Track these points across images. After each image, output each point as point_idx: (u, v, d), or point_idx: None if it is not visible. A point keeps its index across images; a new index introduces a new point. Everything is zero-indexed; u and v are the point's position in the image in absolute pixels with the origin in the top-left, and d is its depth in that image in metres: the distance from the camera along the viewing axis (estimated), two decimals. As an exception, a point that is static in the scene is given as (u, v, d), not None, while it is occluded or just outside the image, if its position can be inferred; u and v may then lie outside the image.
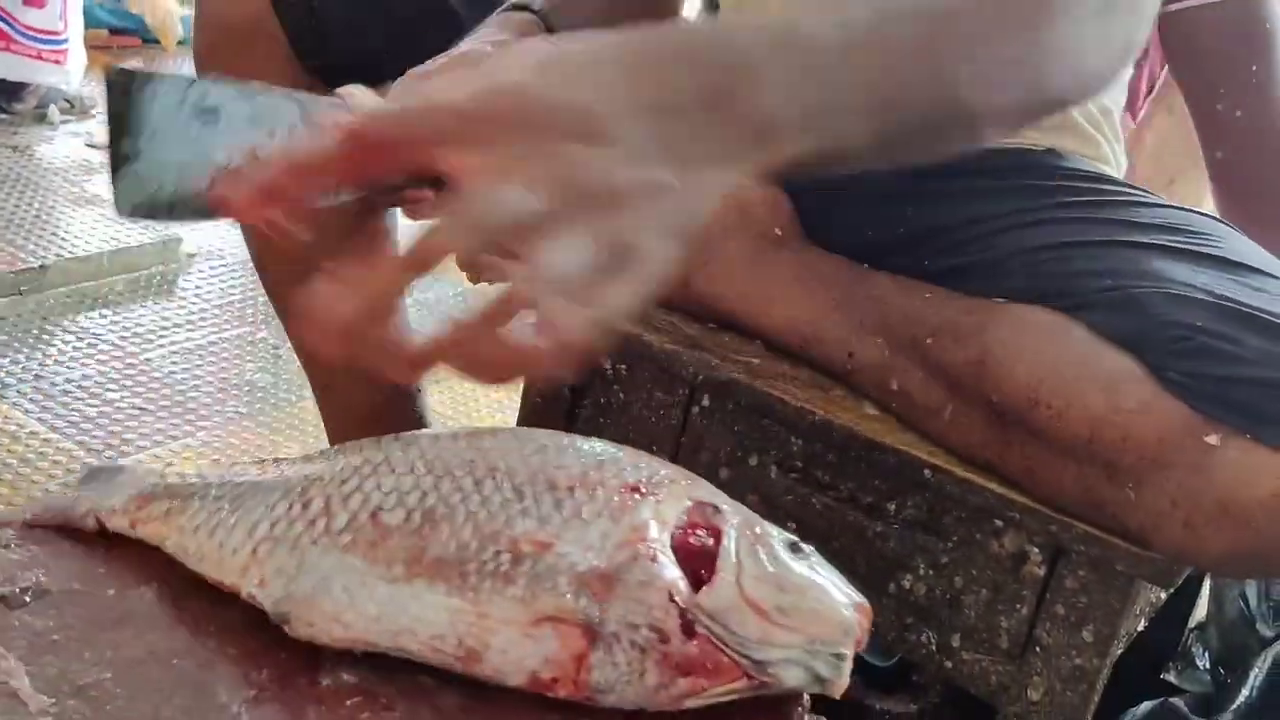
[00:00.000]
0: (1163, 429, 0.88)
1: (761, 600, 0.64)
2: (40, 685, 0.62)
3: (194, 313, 2.42)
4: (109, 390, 2.09)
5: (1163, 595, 1.15)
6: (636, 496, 0.68)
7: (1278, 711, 1.13)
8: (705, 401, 1.12)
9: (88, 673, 0.63)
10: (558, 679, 0.63)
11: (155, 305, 2.40)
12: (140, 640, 0.66)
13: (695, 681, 0.64)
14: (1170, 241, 0.97)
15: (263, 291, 2.46)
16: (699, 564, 0.66)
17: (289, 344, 2.28)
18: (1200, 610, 1.33)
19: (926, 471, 1.01)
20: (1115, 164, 1.18)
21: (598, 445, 0.73)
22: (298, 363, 2.25)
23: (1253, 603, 1.22)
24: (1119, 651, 1.04)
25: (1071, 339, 0.93)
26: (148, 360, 2.21)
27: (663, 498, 0.69)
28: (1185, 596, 1.29)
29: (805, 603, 0.64)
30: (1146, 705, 1.18)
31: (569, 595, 0.64)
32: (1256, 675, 1.15)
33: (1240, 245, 1.01)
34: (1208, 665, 1.24)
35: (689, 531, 0.68)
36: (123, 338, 2.26)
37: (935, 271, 1.05)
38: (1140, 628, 1.11)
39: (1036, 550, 1.01)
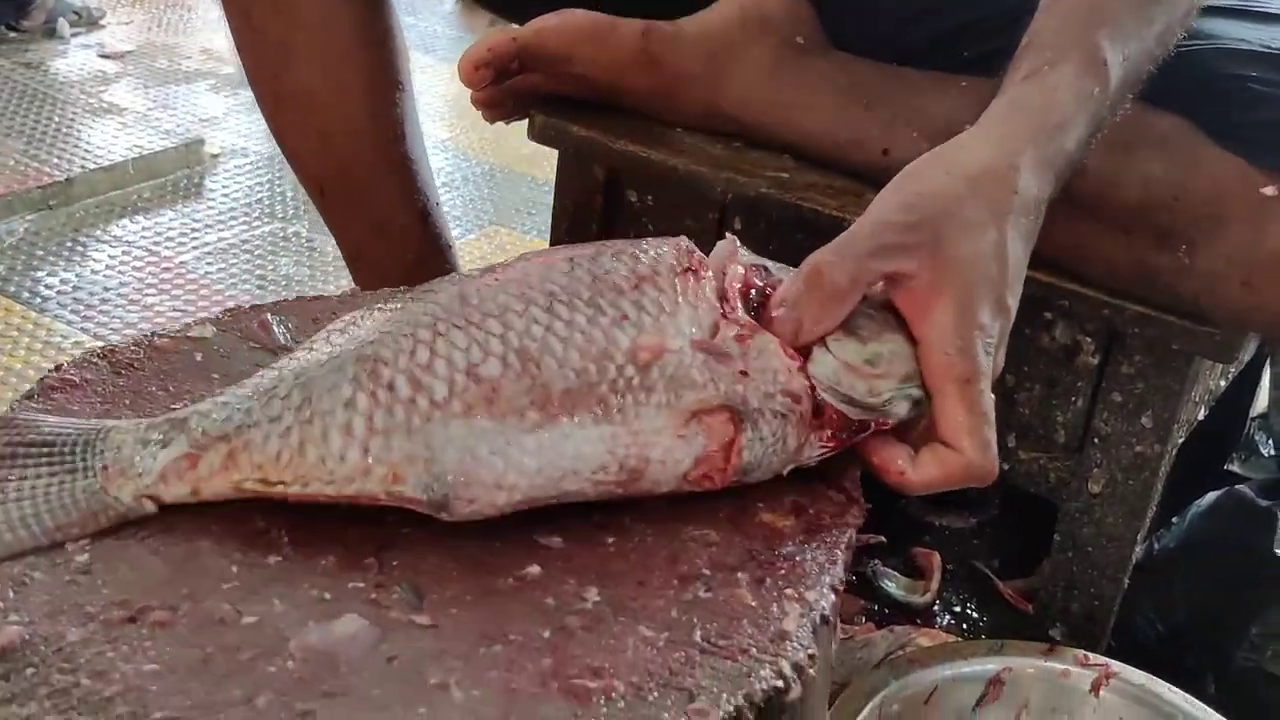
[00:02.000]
0: (1217, 184, 0.85)
1: (851, 359, 0.66)
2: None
3: (223, 212, 2.40)
4: (148, 295, 2.09)
5: (1222, 383, 1.12)
6: (693, 278, 0.67)
7: (1350, 487, 1.11)
8: (737, 224, 1.09)
9: (126, 527, 0.62)
10: (708, 473, 0.65)
11: (184, 208, 2.39)
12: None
13: (824, 433, 0.67)
14: (1213, 2, 0.93)
15: (291, 185, 2.45)
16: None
17: (323, 236, 2.27)
18: (1261, 401, 1.30)
19: (970, 269, 0.97)
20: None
21: (607, 244, 0.71)
22: (334, 253, 2.24)
23: (1317, 383, 1.19)
24: (1180, 439, 1.02)
25: None
26: (183, 263, 2.20)
27: (713, 272, 0.69)
28: (1246, 386, 1.26)
29: (884, 348, 0.67)
30: (1212, 495, 1.16)
31: (708, 385, 0.64)
32: (1327, 452, 1.13)
33: None
34: (1272, 451, 1.22)
35: (745, 291, 0.69)
36: (155, 243, 2.24)
37: (971, 61, 1.01)
38: (1200, 416, 1.08)
39: (1089, 339, 0.98)
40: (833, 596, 0.62)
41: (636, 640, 0.57)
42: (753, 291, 0.69)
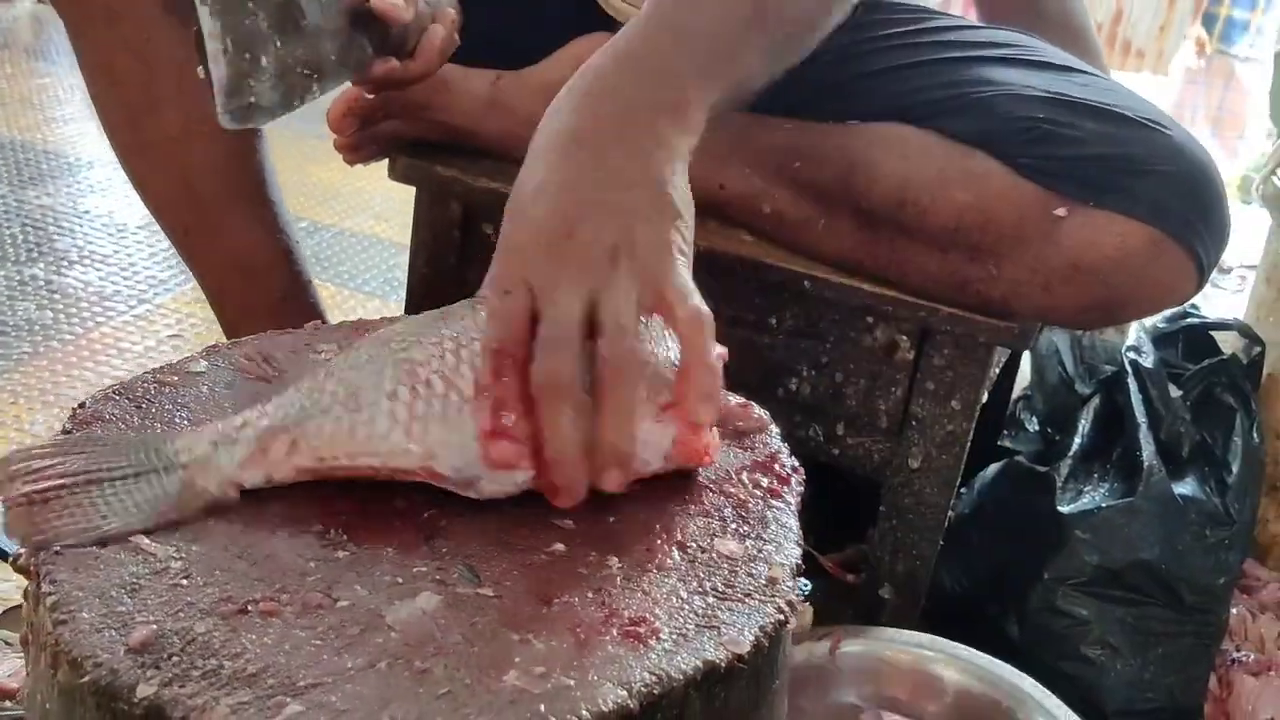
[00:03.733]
0: (1019, 209, 1.04)
1: None
2: (160, 539, 0.68)
3: (-52, 260, 2.34)
4: (-115, 347, 2.03)
5: (995, 371, 1.32)
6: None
7: (1103, 452, 1.33)
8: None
9: (196, 526, 0.69)
10: (684, 452, 0.78)
11: (-94, 258, 2.32)
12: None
13: None
14: (997, 53, 1.12)
15: (20, 226, 2.42)
16: None
17: (60, 277, 2.26)
18: (1022, 384, 1.52)
19: (806, 283, 1.13)
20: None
21: None
22: (75, 293, 2.23)
23: (1070, 368, 1.41)
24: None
25: (928, 144, 1.07)
26: (-85, 315, 2.14)
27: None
28: (1008, 374, 1.47)
29: None
30: (994, 467, 1.36)
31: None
32: (1084, 425, 1.34)
33: (1054, 51, 1.16)
34: (1036, 427, 1.43)
35: None
36: (-117, 297, 2.18)
37: (784, 106, 1.16)
38: (984, 399, 1.27)
39: (905, 337, 1.15)
40: (798, 550, 0.75)
41: (662, 593, 0.69)
42: None
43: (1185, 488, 1.26)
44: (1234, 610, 1.34)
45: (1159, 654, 1.22)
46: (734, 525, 0.76)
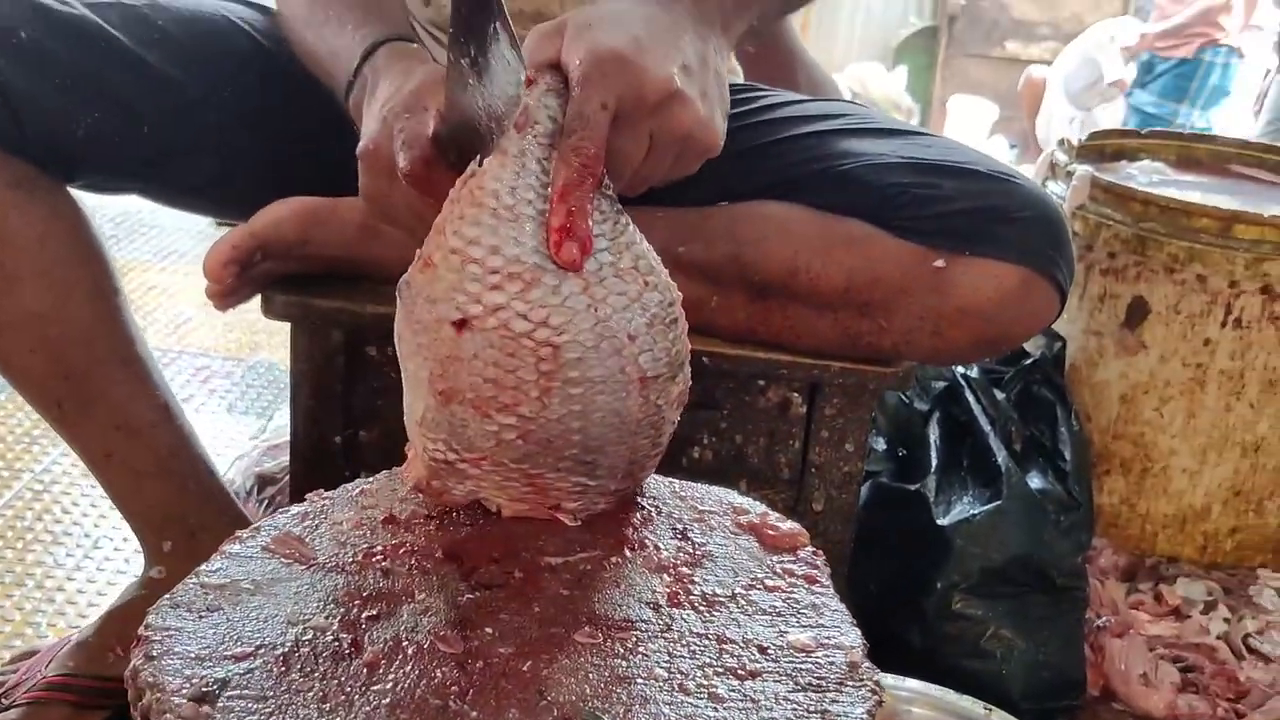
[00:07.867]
0: (903, 265, 1.14)
1: None
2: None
3: None
4: None
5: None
6: None
7: (956, 461, 1.45)
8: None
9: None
10: None
11: None
12: (352, 686, 0.73)
13: None
14: (839, 125, 1.22)
15: None
16: None
17: None
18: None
19: (704, 359, 1.20)
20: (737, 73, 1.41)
21: None
22: None
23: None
24: (860, 455, 1.30)
25: (807, 216, 1.16)
26: None
27: None
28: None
29: None
30: (861, 490, 1.46)
31: None
32: (934, 440, 1.46)
33: (879, 115, 1.27)
34: (884, 446, 1.54)
35: None
36: None
37: (652, 196, 1.22)
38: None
39: (797, 394, 1.24)
40: (857, 630, 0.82)
41: (768, 699, 0.75)
42: None
43: (1035, 481, 1.40)
44: (1085, 582, 1.49)
45: (1044, 636, 1.35)
46: (793, 618, 0.82)
